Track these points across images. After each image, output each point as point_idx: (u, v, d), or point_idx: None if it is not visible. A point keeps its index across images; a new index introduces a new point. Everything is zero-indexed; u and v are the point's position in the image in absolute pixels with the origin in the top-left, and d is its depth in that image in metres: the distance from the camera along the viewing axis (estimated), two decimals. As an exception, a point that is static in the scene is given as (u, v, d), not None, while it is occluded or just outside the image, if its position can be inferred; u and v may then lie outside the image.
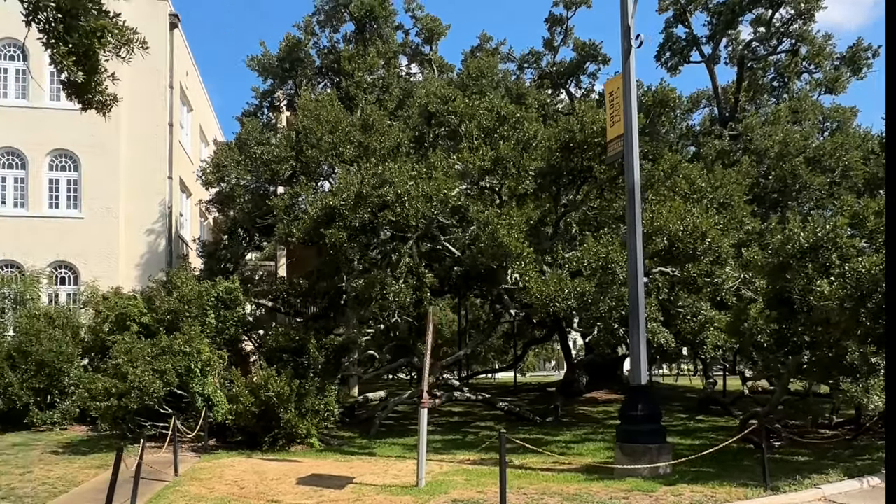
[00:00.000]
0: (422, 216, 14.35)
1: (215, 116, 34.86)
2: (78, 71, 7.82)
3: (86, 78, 8.04)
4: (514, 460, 12.77)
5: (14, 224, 22.20)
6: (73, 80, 7.98)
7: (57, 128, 22.81)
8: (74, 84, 8.13)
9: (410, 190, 14.15)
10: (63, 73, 7.85)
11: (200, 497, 9.60)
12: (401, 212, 14.12)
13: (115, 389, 13.66)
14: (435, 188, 14.37)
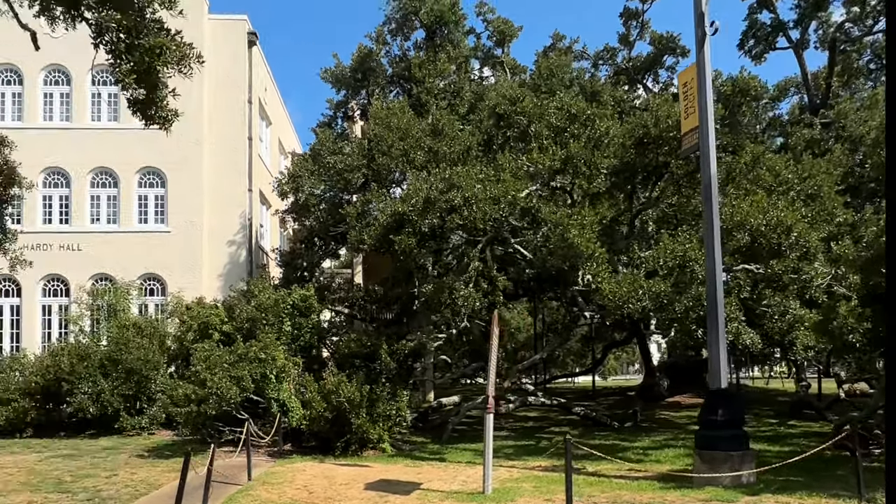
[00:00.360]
0: (489, 219, 14.12)
1: (294, 129, 35.81)
2: (139, 88, 8.04)
3: (147, 94, 8.26)
4: (587, 467, 12.35)
5: (108, 239, 23.39)
6: (135, 97, 8.22)
7: (145, 147, 23.85)
8: (138, 101, 8.37)
9: (478, 193, 13.95)
10: (126, 90, 8.08)
11: (270, 501, 9.69)
12: (468, 215, 13.94)
13: (195, 396, 14.08)
14: (503, 190, 14.12)
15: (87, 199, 23.84)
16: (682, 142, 12.63)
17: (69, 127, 24.15)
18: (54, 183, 23.86)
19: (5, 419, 17.02)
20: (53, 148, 23.70)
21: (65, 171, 23.80)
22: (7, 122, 24.13)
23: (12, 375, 17.67)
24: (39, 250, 22.95)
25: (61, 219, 23.67)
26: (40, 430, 17.38)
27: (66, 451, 15.02)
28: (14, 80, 24.39)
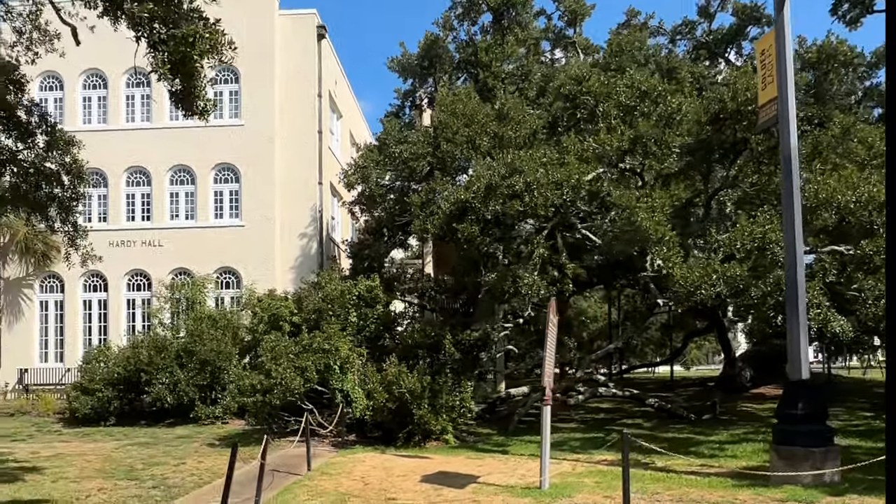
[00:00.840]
0: (551, 204, 13.55)
1: (365, 121, 35.97)
2: (174, 78, 7.98)
3: (184, 85, 8.19)
4: (655, 462, 11.69)
5: (186, 234, 24.09)
6: (175, 88, 8.18)
7: (219, 143, 24.46)
8: (177, 93, 8.33)
9: (539, 178, 13.40)
10: (162, 81, 8.04)
11: (324, 492, 9.57)
12: (529, 201, 13.42)
13: (261, 386, 14.22)
14: (566, 174, 13.52)
15: (167, 196, 24.62)
16: (759, 115, 11.72)
17: (149, 127, 24.98)
18: (136, 181, 24.76)
19: (91, 408, 17.77)
20: (135, 148, 24.59)
21: (146, 169, 24.65)
22: (93, 124, 25.22)
23: (98, 366, 18.41)
24: (123, 247, 23.92)
25: (143, 216, 24.55)
26: (123, 419, 18.06)
27: (142, 440, 15.52)
28: (99, 84, 25.42)
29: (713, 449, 12.85)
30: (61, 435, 16.74)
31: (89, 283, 24.13)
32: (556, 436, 15.41)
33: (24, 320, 23.73)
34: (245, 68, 24.82)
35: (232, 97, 25.17)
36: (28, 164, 11.27)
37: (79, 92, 25.44)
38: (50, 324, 23.97)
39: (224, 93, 25.19)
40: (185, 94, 8.31)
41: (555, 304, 10.01)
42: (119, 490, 10.35)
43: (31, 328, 23.74)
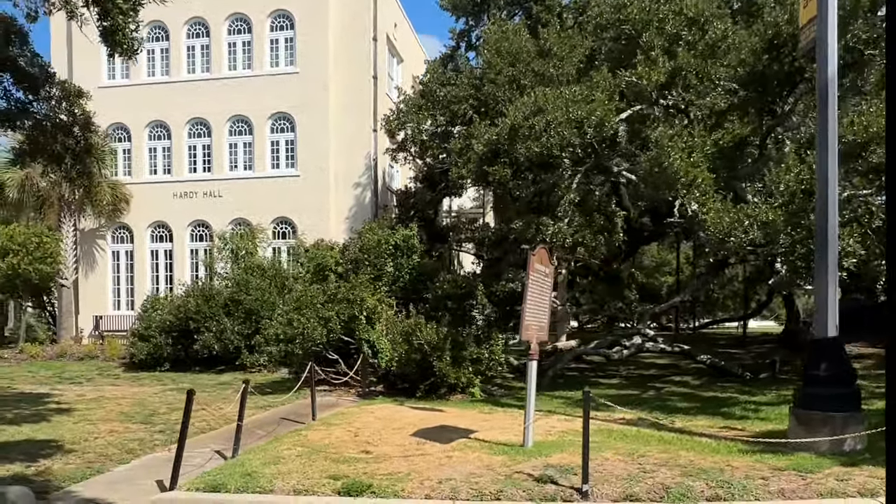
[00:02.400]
0: (568, 144, 12.61)
1: (431, 67, 35.15)
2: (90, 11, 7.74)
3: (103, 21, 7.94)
4: (675, 422, 10.94)
5: (244, 185, 24.51)
6: (105, 26, 7.93)
7: (276, 92, 24.54)
8: (103, 30, 8.09)
9: (558, 116, 12.47)
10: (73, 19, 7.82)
11: (308, 443, 9.45)
12: (545, 141, 12.55)
13: (284, 335, 14.27)
14: (587, 112, 12.52)
15: (226, 147, 25.05)
16: (799, 37, 10.34)
17: (209, 78, 25.33)
18: (197, 133, 25.30)
19: (146, 354, 18.59)
20: (196, 99, 25.04)
21: (206, 120, 25.11)
22: (157, 76, 25.84)
23: (153, 314, 19.17)
24: (186, 198, 24.64)
25: (205, 167, 25.12)
26: (177, 365, 18.79)
27: (185, 385, 15.99)
28: (161, 37, 25.90)
29: (748, 410, 11.88)
30: (117, 379, 17.61)
31: (156, 234, 25.11)
32: (593, 391, 14.76)
33: (98, 270, 25.05)
34: (299, 13, 24.64)
35: (287, 44, 25.09)
36: (41, 116, 11.45)
37: (143, 45, 25.97)
38: (121, 273, 25.21)
39: (279, 40, 25.16)
40: (110, 32, 8.04)
41: (544, 254, 9.30)
42: (127, 433, 10.67)
43: (104, 277, 25.05)
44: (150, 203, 24.79)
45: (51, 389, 15.46)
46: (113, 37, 8.29)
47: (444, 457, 8.38)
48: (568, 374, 17.62)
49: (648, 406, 12.70)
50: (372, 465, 8.02)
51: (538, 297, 8.99)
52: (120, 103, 25.51)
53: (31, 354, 21.34)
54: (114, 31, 8.18)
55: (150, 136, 25.61)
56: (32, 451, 9.29)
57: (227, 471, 7.90)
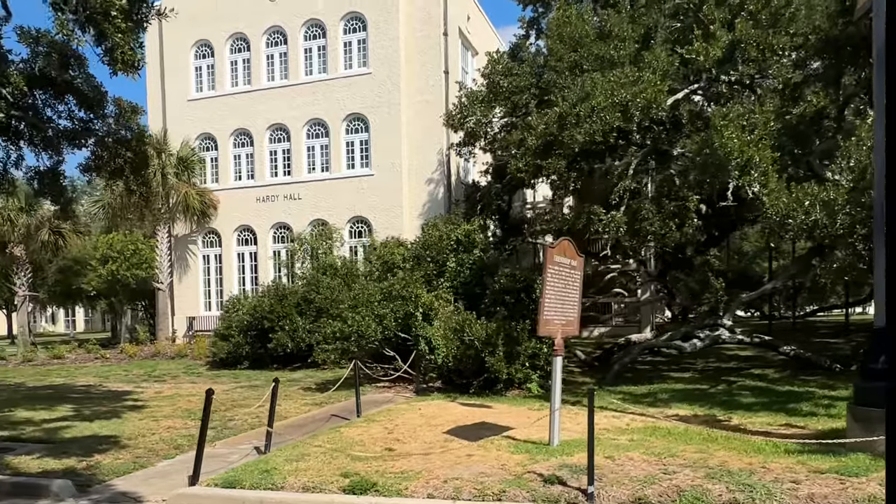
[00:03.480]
0: (611, 129, 12.06)
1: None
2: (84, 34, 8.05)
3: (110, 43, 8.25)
4: (732, 419, 10.27)
5: (321, 186, 25.16)
6: (106, 46, 8.24)
7: (349, 94, 25.05)
8: (103, 49, 8.41)
9: (601, 101, 11.98)
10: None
11: (347, 438, 9.53)
12: (588, 128, 12.07)
13: (340, 333, 14.50)
14: (632, 94, 11.94)
15: (304, 150, 25.79)
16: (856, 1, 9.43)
17: (287, 84, 26.15)
18: (277, 138, 26.18)
19: (227, 353, 19.44)
20: (275, 106, 25.96)
21: (285, 125, 25.95)
22: (239, 86, 26.94)
23: (234, 315, 20.02)
24: (268, 202, 25.58)
25: (284, 171, 25.98)
26: (256, 363, 19.54)
27: (257, 382, 16.64)
28: (243, 48, 26.98)
29: (819, 406, 10.97)
30: (199, 376, 18.51)
31: (241, 237, 26.22)
32: (654, 386, 14.21)
33: (191, 273, 26.46)
34: (371, 14, 24.99)
35: (360, 46, 25.51)
36: (102, 133, 12.11)
37: (226, 56, 27.20)
38: (211, 276, 26.51)
39: (352, 42, 25.62)
40: (109, 50, 8.35)
41: (566, 245, 8.91)
42: (182, 429, 11.15)
43: (196, 280, 26.43)
44: (235, 208, 25.93)
45: (135, 387, 16.44)
46: (112, 54, 8.62)
47: (464, 455, 8.23)
48: (639, 368, 16.97)
49: (711, 401, 12.01)
50: (388, 462, 7.99)
51: (561, 291, 8.65)
52: (207, 114, 26.86)
53: (130, 354, 22.86)
54: (112, 49, 8.50)
55: (235, 143, 26.75)
56: (91, 446, 9.87)
57: (250, 467, 8.09)
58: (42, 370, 21.27)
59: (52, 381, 18.16)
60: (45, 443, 10.25)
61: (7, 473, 8.47)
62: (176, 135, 26.73)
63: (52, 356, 23.19)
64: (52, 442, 10.27)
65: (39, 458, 9.22)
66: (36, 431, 11.07)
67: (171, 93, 27.69)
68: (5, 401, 14.48)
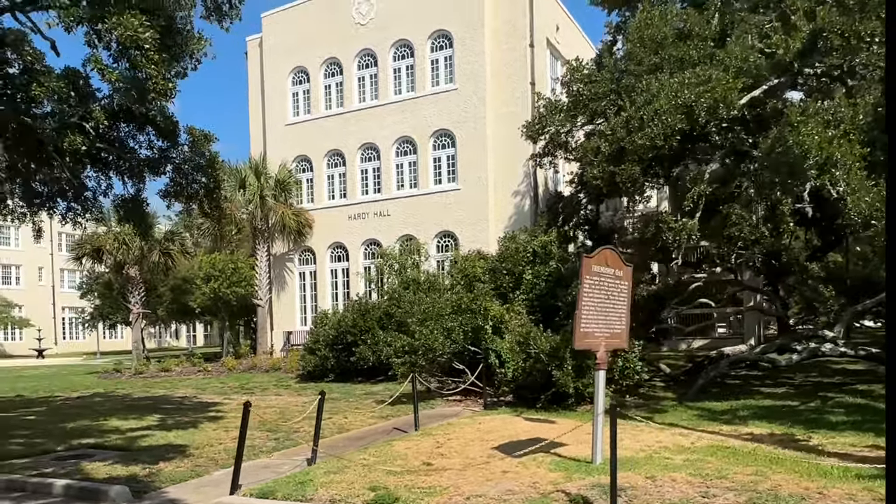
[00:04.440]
0: (672, 133, 11.44)
1: (603, 66, 33.98)
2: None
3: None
4: (813, 439, 9.44)
5: (409, 203, 25.52)
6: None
7: (436, 110, 25.36)
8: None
9: (664, 104, 11.42)
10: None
11: (387, 453, 9.51)
12: (648, 132, 11.52)
13: (409, 347, 14.56)
14: (695, 95, 11.30)
15: (393, 168, 26.27)
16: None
17: (377, 104, 26.78)
18: (368, 157, 26.85)
19: (313, 366, 20.01)
20: (366, 126, 26.66)
21: (375, 144, 26.57)
22: (333, 109, 27.87)
23: (321, 329, 20.60)
24: (359, 219, 26.24)
25: (374, 188, 26.57)
26: (342, 375, 19.96)
27: (335, 395, 16.94)
28: (336, 72, 27.93)
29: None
30: (286, 389, 19.12)
31: (334, 254, 27.00)
32: (737, 402, 13.30)
33: (288, 290, 27.50)
34: (457, 31, 25.23)
35: (446, 62, 25.79)
36: (179, 160, 12.86)
37: (321, 81, 28.25)
38: (307, 292, 27.44)
39: (439, 60, 25.94)
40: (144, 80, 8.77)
41: (608, 255, 8.48)
42: (254, 440, 11.43)
43: (293, 296, 27.44)
44: (329, 226, 26.78)
45: (223, 399, 17.21)
46: (145, 84, 9.08)
47: (499, 472, 8.00)
48: (729, 383, 15.95)
49: (795, 419, 11.08)
50: (421, 477, 7.89)
51: (603, 302, 8.26)
52: (304, 138, 27.98)
53: (229, 367, 24.02)
54: (146, 79, 8.96)
55: (329, 164, 27.67)
56: (160, 454, 10.38)
57: (289, 479, 8.22)
58: (149, 382, 22.75)
59: (153, 393, 19.35)
60: (122, 450, 10.88)
61: (76, 478, 9.04)
62: (275, 158, 28.03)
63: (161, 369, 24.77)
64: (128, 450, 10.89)
65: (111, 464, 9.79)
66: (119, 440, 11.77)
67: (271, 118, 29.06)
68: (106, 410, 15.55)
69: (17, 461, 10.27)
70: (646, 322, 14.84)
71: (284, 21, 29.08)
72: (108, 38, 8.60)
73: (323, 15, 27.98)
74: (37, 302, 53.03)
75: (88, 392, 20.28)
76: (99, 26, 8.57)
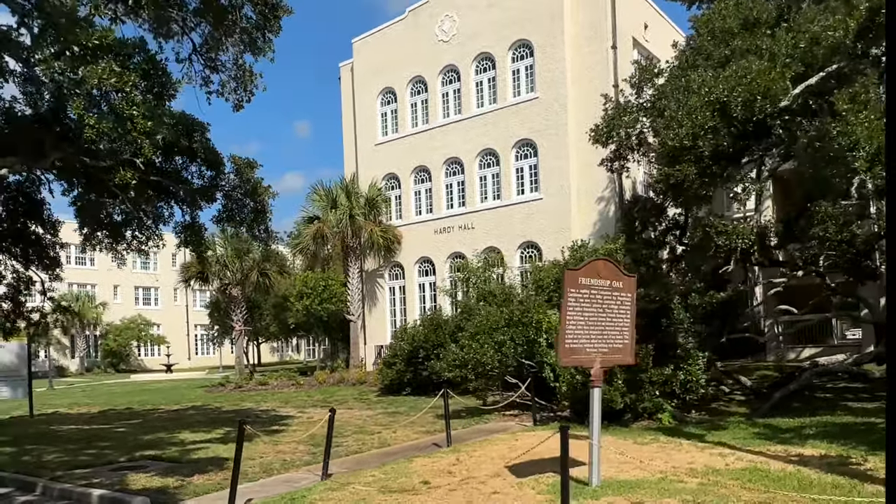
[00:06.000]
0: (705, 132, 10.61)
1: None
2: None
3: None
4: (869, 461, 8.51)
5: (493, 215, 25.40)
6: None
7: (518, 120, 25.16)
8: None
9: (695, 101, 10.67)
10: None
11: (398, 471, 9.44)
12: (680, 131, 10.78)
13: (460, 361, 14.42)
14: (729, 88, 10.44)
15: (477, 181, 26.26)
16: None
17: (460, 119, 26.93)
18: (452, 171, 27.02)
19: (390, 379, 20.28)
20: (450, 141, 26.87)
21: (459, 158, 26.69)
22: (419, 126, 28.31)
23: (400, 343, 20.86)
24: (445, 233, 26.42)
25: (459, 202, 26.66)
26: (419, 389, 20.05)
27: (402, 409, 17.10)
28: (421, 90, 28.40)
29: None
30: (363, 402, 19.48)
31: (422, 269, 27.30)
32: (811, 419, 12.15)
33: (379, 305, 28.09)
34: (538, 39, 24.98)
35: (527, 72, 25.57)
36: (229, 188, 13.53)
37: (407, 100, 28.83)
38: (396, 306, 27.89)
39: (520, 70, 25.77)
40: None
41: (600, 266, 7.98)
42: (289, 454, 11.78)
43: (383, 311, 27.99)
44: (416, 241, 27.15)
45: (298, 412, 17.81)
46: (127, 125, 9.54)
47: (489, 492, 7.75)
48: (819, 396, 14.55)
49: (865, 439, 9.95)
50: (408, 496, 7.78)
51: (595, 316, 7.80)
52: (392, 156, 28.62)
53: (320, 381, 24.81)
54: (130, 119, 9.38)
55: (415, 180, 28.10)
56: (201, 467, 10.87)
57: (286, 496, 8.36)
58: (244, 395, 23.95)
59: (241, 406, 20.36)
60: (172, 461, 11.52)
61: (115, 489, 9.67)
62: (366, 178, 28.83)
63: (259, 383, 26.03)
64: (178, 461, 11.50)
65: (152, 475, 10.38)
66: (176, 451, 12.47)
67: (362, 139, 29.96)
68: (187, 423, 16.53)
69: (79, 471, 11.09)
70: (717, 331, 13.84)
71: (373, 44, 29.95)
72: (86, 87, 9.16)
73: (408, 36, 28.57)
74: (173, 321, 57.68)
75: (187, 405, 21.65)
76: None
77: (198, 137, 12.68)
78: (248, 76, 12.68)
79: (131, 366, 53.85)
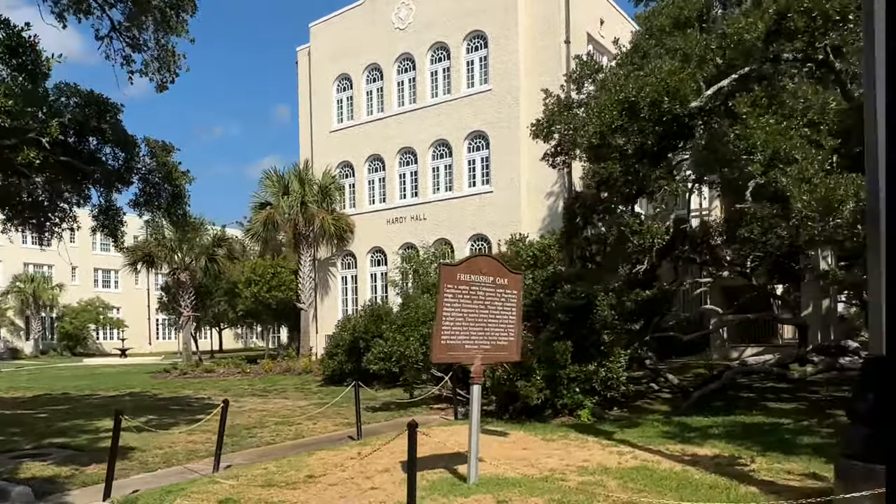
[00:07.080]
0: (613, 130, 10.56)
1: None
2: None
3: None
4: (757, 462, 8.63)
5: (444, 206, 25.31)
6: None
7: (471, 112, 25.05)
8: None
9: (606, 100, 10.61)
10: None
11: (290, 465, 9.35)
12: (590, 129, 10.73)
13: (383, 353, 14.33)
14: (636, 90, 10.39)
15: (429, 171, 26.14)
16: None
17: (415, 108, 26.78)
18: (406, 161, 26.86)
19: (331, 370, 20.16)
20: (404, 130, 26.70)
21: (413, 148, 26.55)
22: (374, 114, 28.09)
23: (341, 334, 20.72)
24: (397, 223, 26.28)
25: (412, 192, 26.52)
26: (362, 380, 19.68)
27: (339, 399, 16.90)
28: (377, 77, 28.14)
29: None
30: (302, 392, 19.36)
31: (374, 259, 27.16)
32: (723, 419, 12.25)
33: (331, 294, 27.92)
34: (492, 30, 24.85)
35: (481, 63, 25.45)
36: (145, 171, 13.24)
37: (363, 87, 28.55)
38: (348, 296, 27.75)
39: (474, 61, 25.64)
40: None
41: (482, 263, 7.92)
42: (205, 444, 11.56)
43: (335, 299, 27.83)
44: (369, 230, 26.99)
45: (234, 401, 17.54)
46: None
47: (367, 488, 7.71)
48: (744, 396, 14.66)
49: (763, 440, 10.05)
50: (283, 491, 7.70)
51: (476, 313, 7.73)
52: (346, 144, 28.37)
53: (266, 370, 24.61)
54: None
55: (369, 169, 27.90)
56: (102, 456, 10.50)
57: (161, 490, 8.17)
58: (187, 382, 23.68)
59: (179, 394, 20.11)
60: (78, 450, 11.30)
61: (1, 478, 9.44)
62: (321, 165, 28.56)
63: (205, 370, 25.75)
64: (83, 450, 11.29)
65: (49, 464, 10.17)
66: (86, 440, 12.25)
67: (318, 126, 29.66)
68: (111, 409, 16.19)
69: (-21, 458, 10.83)
70: (642, 329, 13.87)
71: (329, 30, 29.60)
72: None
73: (365, 22, 28.27)
74: (133, 304, 56.82)
75: (124, 391, 21.37)
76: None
77: (110, 119, 12.39)
78: (171, 56, 12.46)
79: (89, 349, 53.08)
